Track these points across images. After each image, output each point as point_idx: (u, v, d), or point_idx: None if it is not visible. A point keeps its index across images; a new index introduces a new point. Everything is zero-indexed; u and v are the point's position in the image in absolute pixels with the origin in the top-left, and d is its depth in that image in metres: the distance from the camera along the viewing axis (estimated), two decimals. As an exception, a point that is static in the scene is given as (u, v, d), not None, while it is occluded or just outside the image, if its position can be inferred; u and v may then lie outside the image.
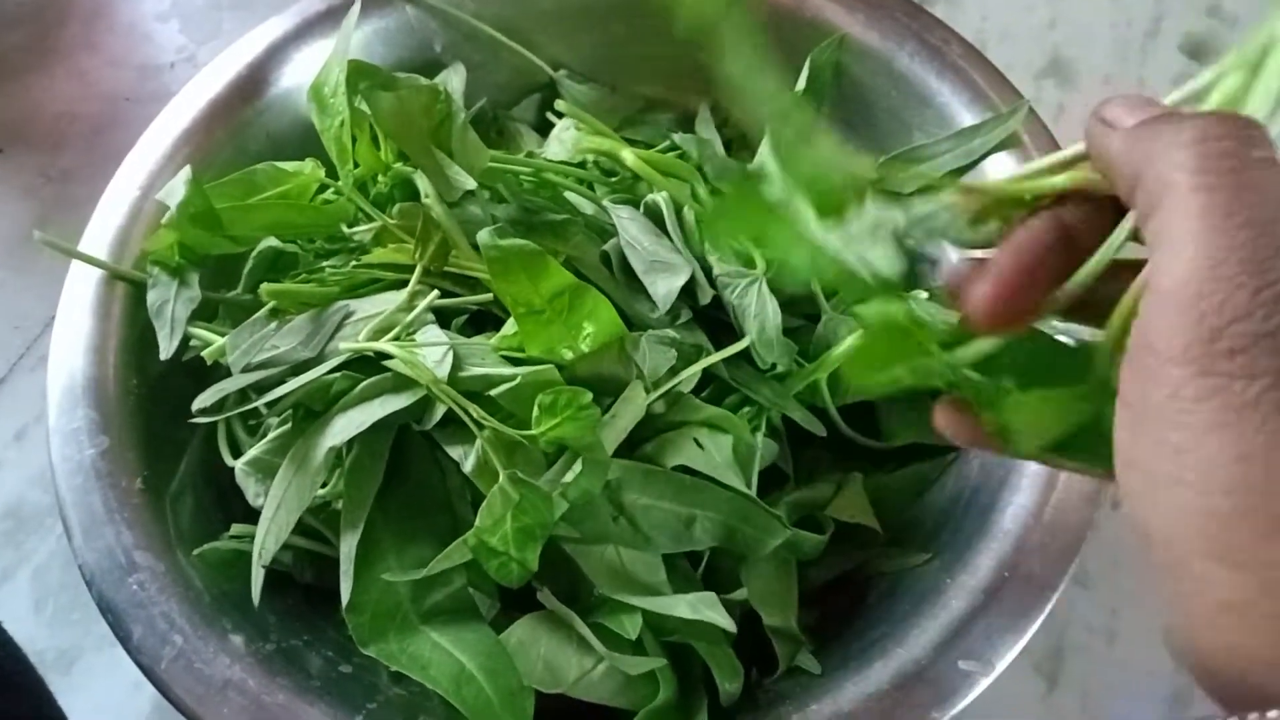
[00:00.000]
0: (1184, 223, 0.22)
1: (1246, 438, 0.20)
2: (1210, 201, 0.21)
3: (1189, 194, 0.22)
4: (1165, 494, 0.21)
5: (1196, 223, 0.21)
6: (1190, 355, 0.21)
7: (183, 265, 0.48)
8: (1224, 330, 0.20)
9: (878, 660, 0.41)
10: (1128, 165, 0.24)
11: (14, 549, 0.61)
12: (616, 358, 0.44)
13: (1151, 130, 0.24)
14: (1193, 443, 0.21)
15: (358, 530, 0.42)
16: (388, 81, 0.46)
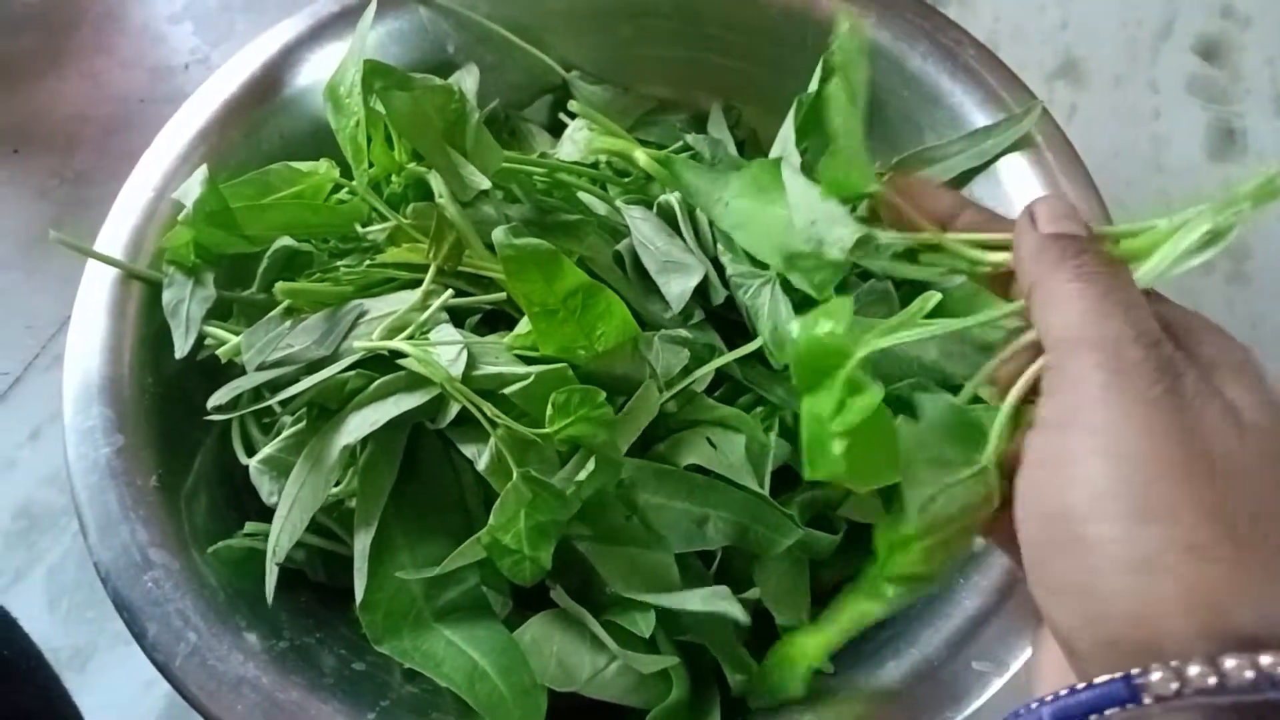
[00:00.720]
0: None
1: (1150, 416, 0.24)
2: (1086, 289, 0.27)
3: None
4: (1080, 469, 0.24)
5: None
6: (1102, 364, 0.25)
7: (198, 264, 0.48)
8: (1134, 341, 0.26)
9: (890, 660, 0.41)
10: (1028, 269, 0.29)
11: (29, 548, 0.61)
12: (630, 357, 0.44)
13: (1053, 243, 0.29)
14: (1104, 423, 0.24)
15: (372, 528, 0.42)
16: (403, 81, 0.46)
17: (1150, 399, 0.24)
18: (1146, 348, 0.25)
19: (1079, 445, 0.25)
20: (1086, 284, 0.27)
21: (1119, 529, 0.23)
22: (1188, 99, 0.76)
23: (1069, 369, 0.26)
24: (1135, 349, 0.25)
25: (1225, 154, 0.73)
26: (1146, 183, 0.72)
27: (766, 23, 0.58)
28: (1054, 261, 0.28)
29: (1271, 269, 0.69)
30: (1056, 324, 0.27)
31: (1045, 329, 0.27)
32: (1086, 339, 0.26)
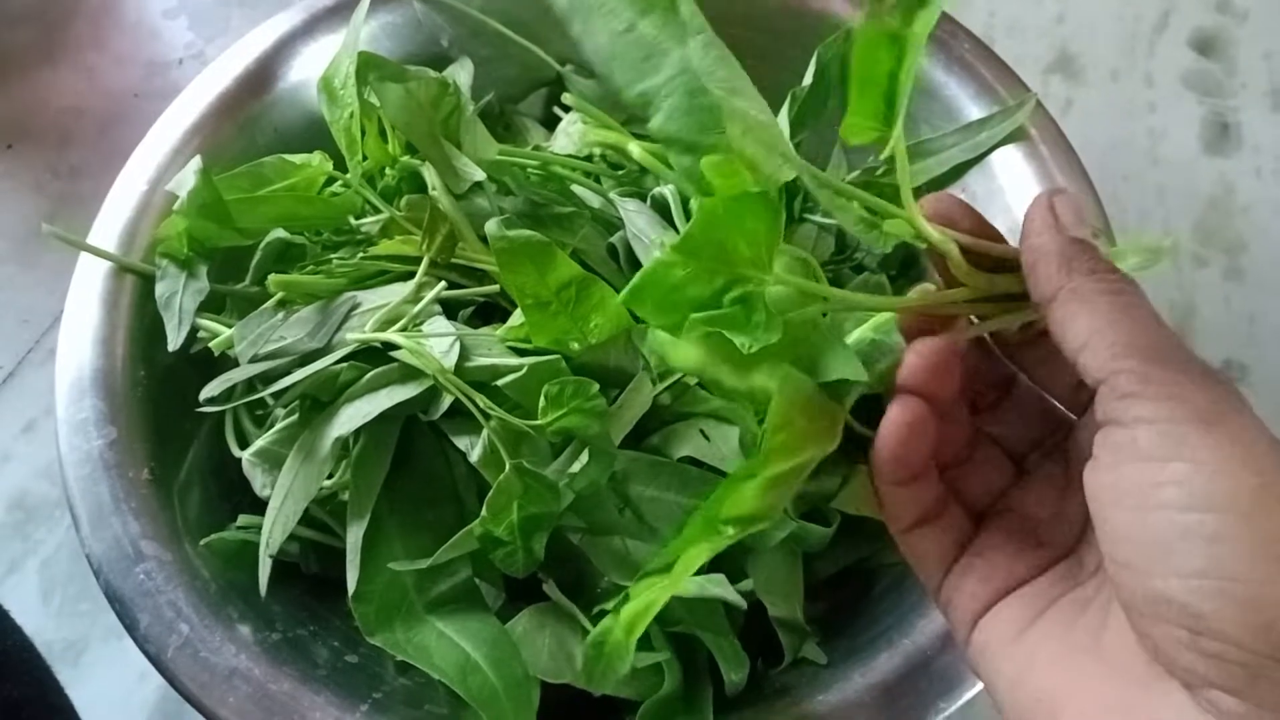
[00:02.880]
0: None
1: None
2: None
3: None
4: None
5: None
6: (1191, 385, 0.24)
7: (191, 257, 0.48)
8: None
9: (884, 651, 0.41)
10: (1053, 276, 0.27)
11: (22, 540, 0.61)
12: (623, 349, 0.44)
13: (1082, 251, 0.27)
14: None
15: (364, 520, 0.42)
16: (397, 74, 0.46)
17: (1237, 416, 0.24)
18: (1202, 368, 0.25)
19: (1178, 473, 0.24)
20: (1131, 299, 0.26)
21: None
22: (1184, 93, 0.76)
23: (1156, 390, 0.24)
24: (1197, 367, 0.25)
25: (1221, 148, 0.73)
26: (1142, 177, 0.72)
27: (762, 16, 0.58)
28: (1088, 271, 0.27)
29: (1267, 264, 0.69)
30: (1110, 338, 0.25)
31: (1087, 340, 0.26)
32: (1160, 356, 0.25)
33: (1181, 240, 0.70)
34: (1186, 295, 0.68)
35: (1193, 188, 0.72)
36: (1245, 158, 0.73)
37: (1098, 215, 0.47)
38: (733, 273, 0.27)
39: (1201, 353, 0.65)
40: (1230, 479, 0.23)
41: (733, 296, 0.28)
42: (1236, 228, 0.70)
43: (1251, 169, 0.73)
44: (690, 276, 0.27)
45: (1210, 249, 0.70)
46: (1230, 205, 0.71)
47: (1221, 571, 0.22)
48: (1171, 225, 0.71)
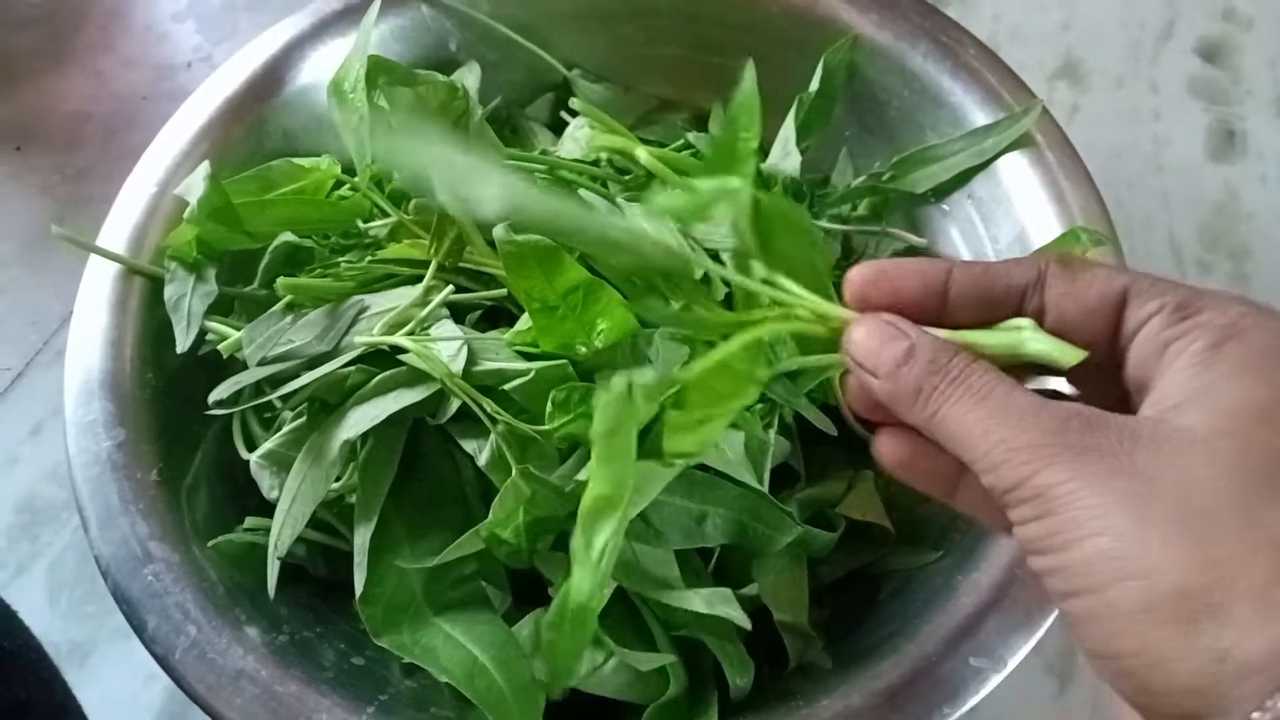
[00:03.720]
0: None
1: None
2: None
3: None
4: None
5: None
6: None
7: (200, 260, 0.48)
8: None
9: (889, 656, 0.41)
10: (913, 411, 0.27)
11: (30, 542, 0.61)
12: (630, 354, 0.44)
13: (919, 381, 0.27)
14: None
15: (372, 522, 0.42)
16: (406, 77, 0.46)
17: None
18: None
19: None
20: (990, 405, 0.25)
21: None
22: (1189, 100, 0.76)
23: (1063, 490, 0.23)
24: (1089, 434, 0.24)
25: (1226, 155, 0.74)
26: (1147, 183, 0.73)
27: (767, 22, 0.58)
28: (941, 394, 0.26)
29: (1272, 270, 0.69)
30: (1008, 439, 0.24)
31: (974, 460, 0.25)
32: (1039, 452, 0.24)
33: (1186, 247, 0.70)
34: (1191, 302, 0.68)
35: (1198, 194, 0.72)
36: (1250, 165, 0.73)
37: (1104, 223, 0.48)
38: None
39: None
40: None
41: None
42: (1241, 234, 0.70)
43: (1256, 176, 0.73)
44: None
45: (1215, 255, 0.70)
46: (1235, 212, 0.71)
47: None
48: (1176, 232, 0.71)
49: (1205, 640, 0.21)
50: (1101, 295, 0.27)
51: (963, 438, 0.25)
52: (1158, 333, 0.26)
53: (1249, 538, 0.22)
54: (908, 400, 0.27)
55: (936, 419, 0.26)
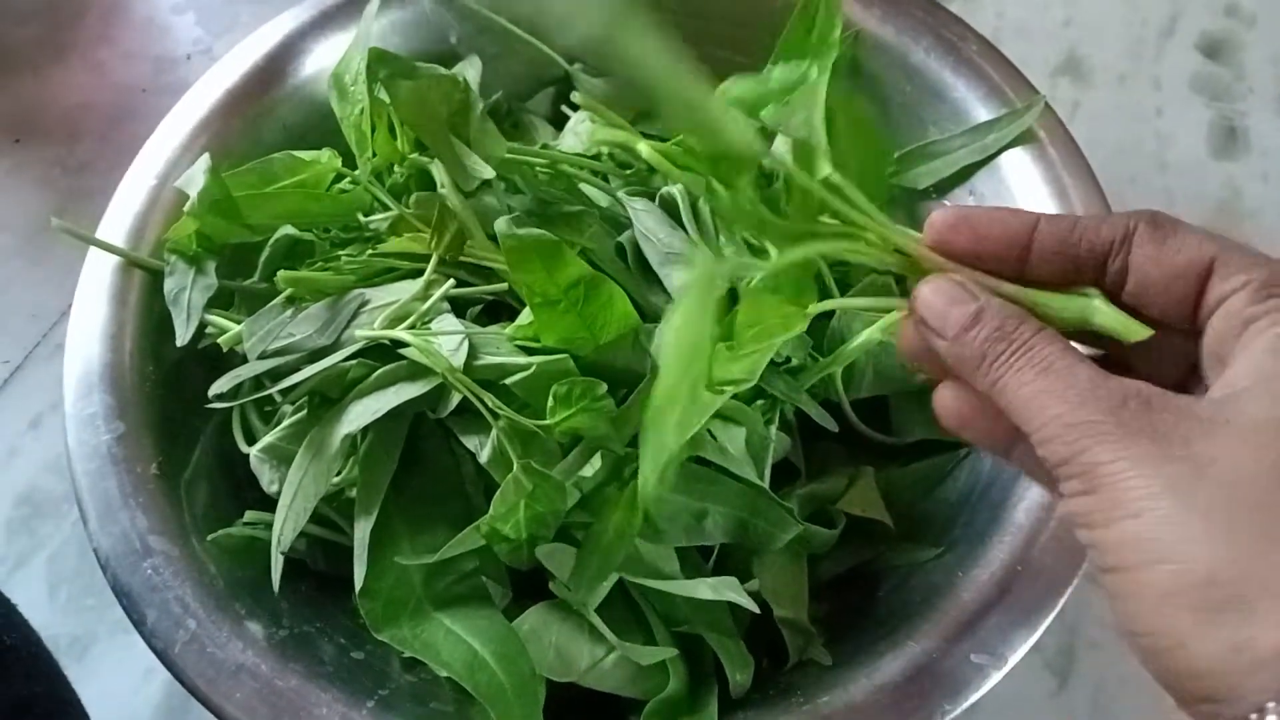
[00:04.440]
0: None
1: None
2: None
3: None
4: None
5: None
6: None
7: (199, 253, 0.48)
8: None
9: (889, 653, 0.41)
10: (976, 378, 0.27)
11: (29, 535, 0.61)
12: (631, 349, 0.44)
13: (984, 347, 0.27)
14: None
15: (372, 517, 0.42)
16: (408, 70, 0.46)
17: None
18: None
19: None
20: (1050, 377, 0.25)
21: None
22: (1191, 97, 0.76)
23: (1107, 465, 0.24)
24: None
25: (1228, 152, 0.73)
26: (1150, 180, 0.72)
27: (770, 16, 0.58)
28: (1004, 362, 0.26)
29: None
30: (1064, 414, 0.25)
31: (1034, 433, 0.25)
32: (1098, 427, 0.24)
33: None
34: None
35: (1200, 191, 0.72)
36: (1253, 162, 0.73)
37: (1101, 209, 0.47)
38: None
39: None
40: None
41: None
42: (1244, 232, 0.70)
43: (1259, 173, 0.72)
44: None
45: (1217, 253, 0.70)
46: (1238, 209, 0.71)
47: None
48: (1178, 229, 0.71)
49: (1226, 631, 0.22)
50: (1189, 262, 0.26)
51: (1021, 408, 0.25)
52: (1240, 310, 0.25)
53: (1263, 554, 0.22)
54: (971, 365, 0.27)
55: (998, 387, 0.26)
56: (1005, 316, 0.26)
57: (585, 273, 0.41)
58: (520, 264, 0.41)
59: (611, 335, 0.42)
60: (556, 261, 0.41)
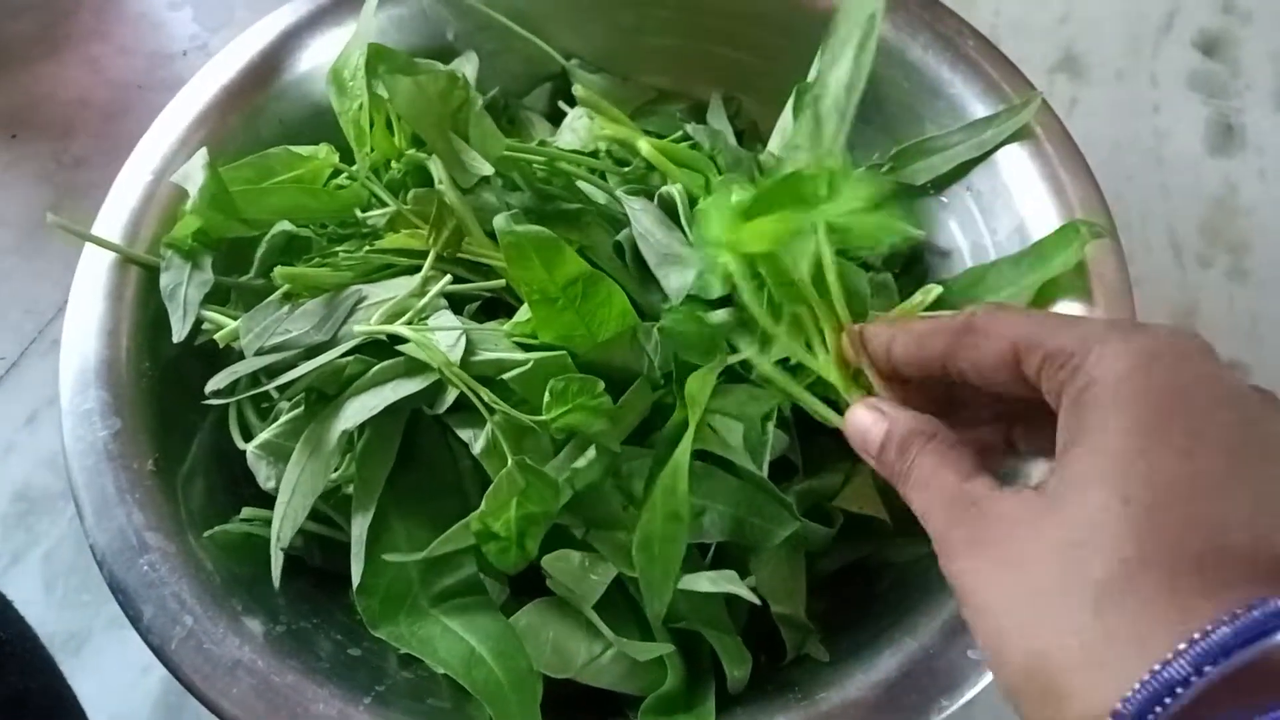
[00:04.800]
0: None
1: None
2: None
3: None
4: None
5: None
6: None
7: (196, 249, 0.48)
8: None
9: (886, 649, 0.41)
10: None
11: (25, 531, 0.61)
12: (629, 347, 0.44)
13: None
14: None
15: (369, 513, 0.42)
16: (407, 66, 0.46)
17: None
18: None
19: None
20: (928, 493, 0.29)
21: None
22: (1188, 93, 0.76)
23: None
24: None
25: (1225, 149, 0.73)
26: (1146, 176, 0.72)
27: (767, 13, 0.58)
28: (904, 478, 0.30)
29: (1270, 265, 0.69)
30: (933, 529, 0.29)
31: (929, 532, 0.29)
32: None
33: (1185, 240, 0.70)
34: (1190, 295, 0.68)
35: (1197, 188, 0.72)
36: (1249, 159, 0.73)
37: (1104, 216, 0.47)
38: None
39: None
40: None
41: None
42: (1240, 228, 0.70)
43: (1255, 170, 0.73)
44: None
45: (1214, 249, 0.70)
46: (1234, 206, 0.71)
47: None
48: (1175, 225, 0.71)
49: (1048, 711, 0.24)
50: (997, 357, 0.29)
51: (919, 517, 0.29)
52: (1047, 391, 0.28)
53: (1069, 624, 0.24)
54: (892, 479, 0.31)
55: (907, 499, 0.30)
56: (904, 435, 0.30)
57: (584, 270, 0.41)
58: (519, 261, 0.41)
59: (609, 333, 0.42)
60: (555, 259, 0.41)
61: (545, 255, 0.40)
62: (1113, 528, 0.24)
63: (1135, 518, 0.24)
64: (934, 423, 0.30)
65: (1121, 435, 0.25)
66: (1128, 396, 0.25)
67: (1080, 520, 0.24)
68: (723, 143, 0.54)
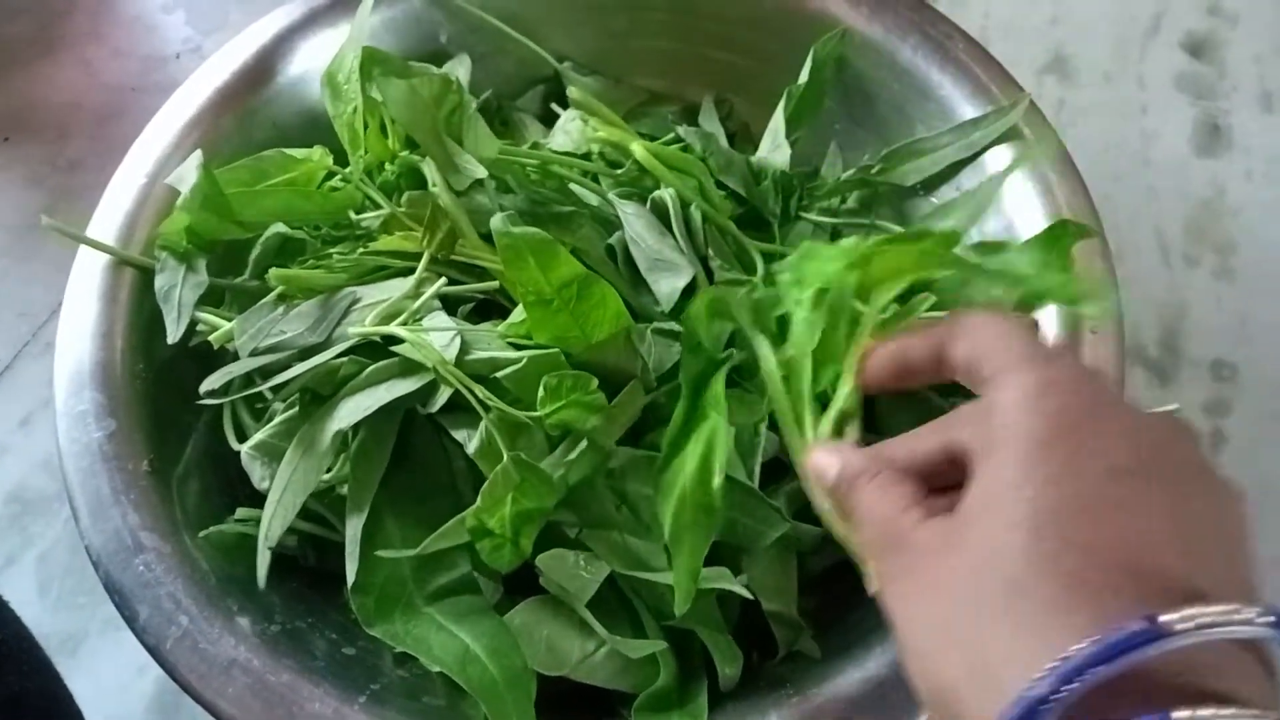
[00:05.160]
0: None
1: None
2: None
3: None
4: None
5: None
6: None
7: (190, 250, 0.48)
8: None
9: (877, 645, 0.41)
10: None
11: (20, 533, 0.61)
12: (622, 348, 0.44)
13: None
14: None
15: (363, 513, 0.42)
16: (401, 69, 0.46)
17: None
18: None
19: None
20: (867, 529, 0.30)
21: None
22: (1176, 95, 0.77)
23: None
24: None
25: (1212, 150, 0.74)
26: (1134, 178, 0.73)
27: (758, 16, 0.58)
28: (853, 513, 0.31)
29: (1257, 265, 0.70)
30: (873, 559, 0.30)
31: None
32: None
33: (1173, 241, 0.71)
34: (1178, 296, 0.69)
35: (1184, 189, 0.73)
36: (1236, 160, 0.74)
37: (1091, 217, 0.48)
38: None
39: (1192, 353, 0.66)
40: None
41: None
42: (1227, 229, 0.71)
43: (1242, 171, 0.73)
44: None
45: (1201, 250, 0.70)
46: (1221, 207, 0.72)
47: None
48: (1162, 226, 0.71)
49: None
50: (962, 363, 0.31)
51: (864, 550, 0.31)
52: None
53: (968, 645, 0.25)
54: (845, 515, 0.32)
55: (856, 533, 0.31)
56: (852, 474, 0.31)
57: (579, 272, 0.41)
58: (514, 262, 0.41)
59: (603, 334, 0.42)
60: (551, 260, 0.41)
61: (541, 257, 0.41)
62: (1002, 552, 0.25)
63: (1019, 542, 0.25)
64: (880, 460, 0.31)
65: (1011, 463, 0.26)
66: (1019, 425, 0.26)
67: (979, 546, 0.26)
68: (715, 145, 0.54)
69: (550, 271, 0.41)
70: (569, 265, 0.41)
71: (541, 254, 0.41)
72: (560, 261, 0.41)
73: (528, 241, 0.41)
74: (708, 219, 0.50)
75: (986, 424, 0.27)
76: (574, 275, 0.41)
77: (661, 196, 0.50)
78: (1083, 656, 0.22)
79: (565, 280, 0.41)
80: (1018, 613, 0.24)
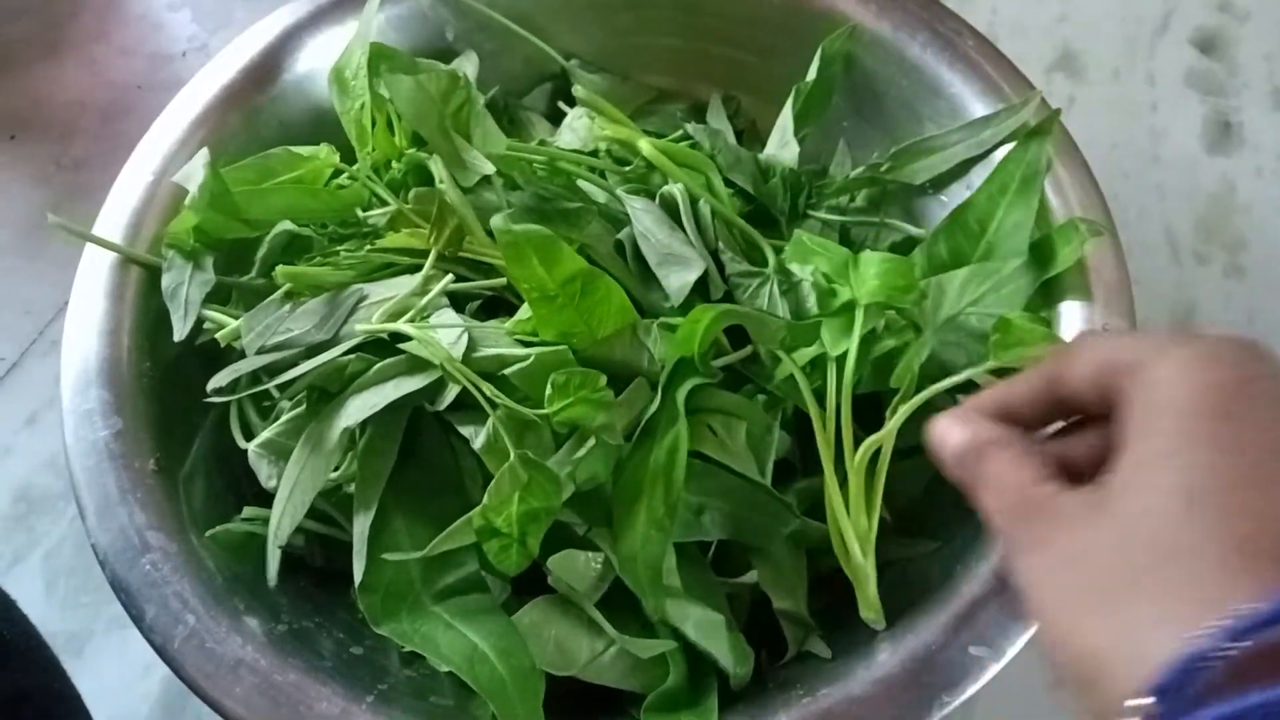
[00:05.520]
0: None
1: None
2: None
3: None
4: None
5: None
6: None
7: (197, 249, 0.48)
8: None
9: (888, 645, 0.41)
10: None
11: (26, 532, 0.61)
12: (629, 344, 0.44)
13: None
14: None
15: (371, 511, 0.42)
16: (408, 65, 0.46)
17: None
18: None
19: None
20: (992, 496, 0.31)
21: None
22: (1186, 92, 0.76)
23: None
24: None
25: (1222, 147, 0.74)
26: (1144, 175, 0.73)
27: (766, 12, 0.58)
28: (974, 479, 0.32)
29: (1267, 262, 0.69)
30: (1000, 527, 0.31)
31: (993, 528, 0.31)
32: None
33: (1183, 238, 0.70)
34: (1187, 293, 0.68)
35: (1194, 186, 0.72)
36: (1246, 157, 0.73)
37: (1103, 214, 0.48)
38: None
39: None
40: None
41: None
42: (1237, 226, 0.71)
43: (1252, 168, 0.73)
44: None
45: (1211, 247, 0.70)
46: (1231, 204, 0.72)
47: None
48: (1172, 224, 0.71)
49: (1096, 695, 0.25)
50: (1082, 380, 0.31)
51: (987, 517, 0.31)
52: (1114, 402, 0.29)
53: (1119, 612, 0.25)
54: (966, 483, 0.33)
55: (977, 500, 0.32)
56: (982, 443, 0.32)
57: (582, 268, 0.41)
58: (517, 259, 0.41)
59: (609, 330, 0.42)
60: (553, 257, 0.41)
61: (543, 253, 0.41)
62: (1159, 519, 0.25)
63: (1179, 509, 0.25)
64: (1012, 433, 0.32)
65: (1170, 433, 0.26)
66: (1178, 397, 0.26)
67: (1131, 514, 0.26)
68: (722, 142, 0.54)
69: (553, 268, 0.41)
70: (571, 261, 0.41)
71: (544, 250, 0.40)
72: (563, 257, 0.41)
73: (529, 238, 0.40)
74: (716, 214, 0.49)
75: (1140, 400, 0.27)
76: (577, 271, 0.41)
77: (670, 191, 0.50)
78: (1259, 614, 0.22)
79: (568, 276, 0.41)
80: (1178, 575, 0.24)
